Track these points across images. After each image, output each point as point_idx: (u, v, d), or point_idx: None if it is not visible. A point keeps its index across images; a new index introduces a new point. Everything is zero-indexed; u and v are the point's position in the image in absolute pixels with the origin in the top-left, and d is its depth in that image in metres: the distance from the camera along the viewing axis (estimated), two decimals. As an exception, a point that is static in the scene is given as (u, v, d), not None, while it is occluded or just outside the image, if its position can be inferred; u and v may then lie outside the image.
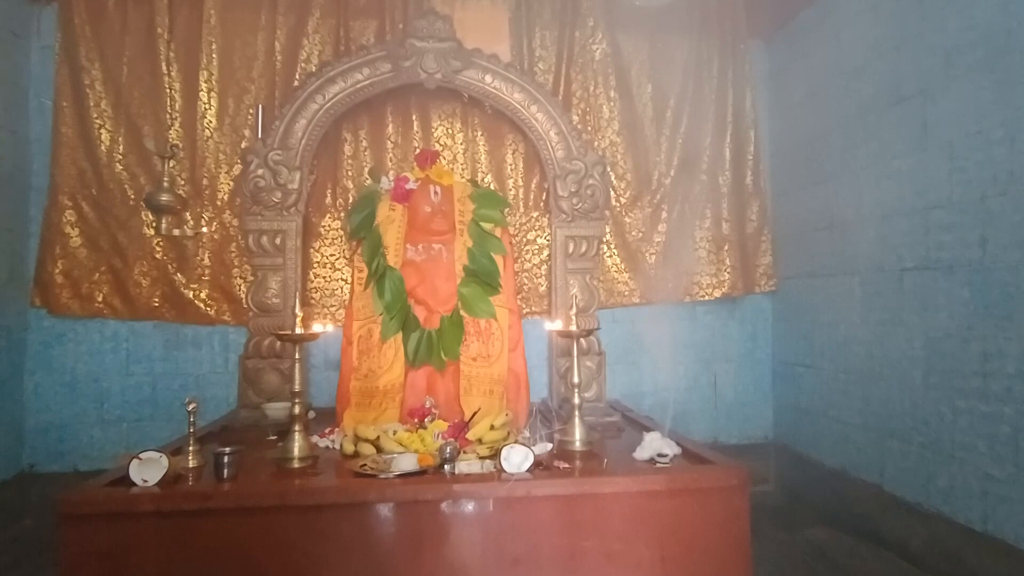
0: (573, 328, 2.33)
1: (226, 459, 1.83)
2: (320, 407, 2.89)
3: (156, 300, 2.94)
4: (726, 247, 3.35)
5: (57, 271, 2.84)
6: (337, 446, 2.27)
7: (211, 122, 3.00)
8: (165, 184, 2.25)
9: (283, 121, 2.76)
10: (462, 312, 2.55)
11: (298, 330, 2.07)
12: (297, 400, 2.06)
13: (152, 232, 2.93)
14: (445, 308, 2.56)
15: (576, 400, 2.30)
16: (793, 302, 3.32)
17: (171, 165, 2.93)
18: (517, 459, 1.89)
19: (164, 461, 1.73)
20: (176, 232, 2.29)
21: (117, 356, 2.94)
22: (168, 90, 2.96)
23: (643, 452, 2.10)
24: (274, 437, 2.43)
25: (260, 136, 2.78)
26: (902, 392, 2.52)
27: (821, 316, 3.07)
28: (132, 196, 2.92)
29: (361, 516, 1.71)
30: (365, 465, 1.91)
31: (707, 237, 3.36)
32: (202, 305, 2.97)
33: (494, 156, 3.25)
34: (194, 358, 3.00)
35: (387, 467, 1.89)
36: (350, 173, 3.12)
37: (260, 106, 2.80)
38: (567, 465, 1.98)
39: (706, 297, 3.35)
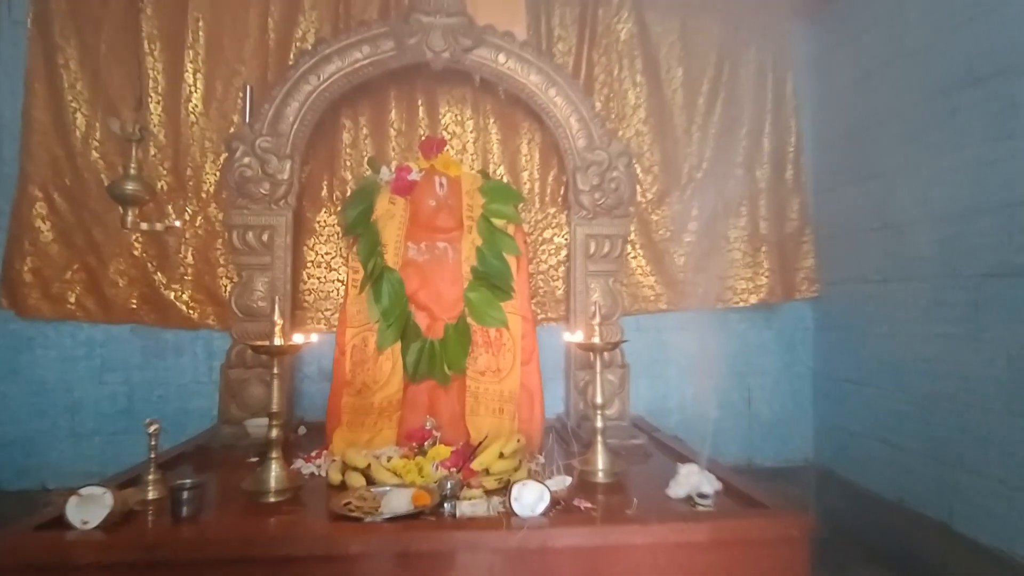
0: (596, 340, 2.02)
1: (184, 495, 1.54)
2: (313, 421, 2.61)
3: (134, 302, 2.67)
4: (763, 248, 3.02)
5: (26, 269, 2.58)
6: (324, 472, 1.97)
7: (196, 106, 2.73)
8: (132, 171, 1.97)
9: (273, 104, 2.47)
10: (469, 319, 2.24)
11: (276, 341, 1.78)
12: (275, 423, 1.78)
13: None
14: (450, 315, 2.26)
15: (599, 423, 1.99)
16: (838, 310, 2.98)
17: (153, 153, 2.70)
18: (530, 498, 1.59)
19: (108, 498, 1.44)
20: (144, 227, 2.01)
21: (91, 363, 2.67)
22: (151, 71, 2.69)
23: (678, 489, 1.78)
24: (255, 459, 2.14)
25: (247, 121, 2.50)
26: (977, 418, 2.17)
27: (873, 327, 2.73)
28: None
29: (341, 570, 1.41)
30: (349, 503, 1.62)
31: (742, 237, 3.03)
32: (184, 308, 2.70)
33: (507, 146, 2.94)
34: (175, 366, 2.73)
35: (375, 506, 1.60)
36: (348, 164, 2.83)
37: (248, 87, 2.51)
38: (590, 505, 1.67)
39: (740, 303, 3.02)
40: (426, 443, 2.02)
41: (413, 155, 2.73)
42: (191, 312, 2.70)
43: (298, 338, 1.83)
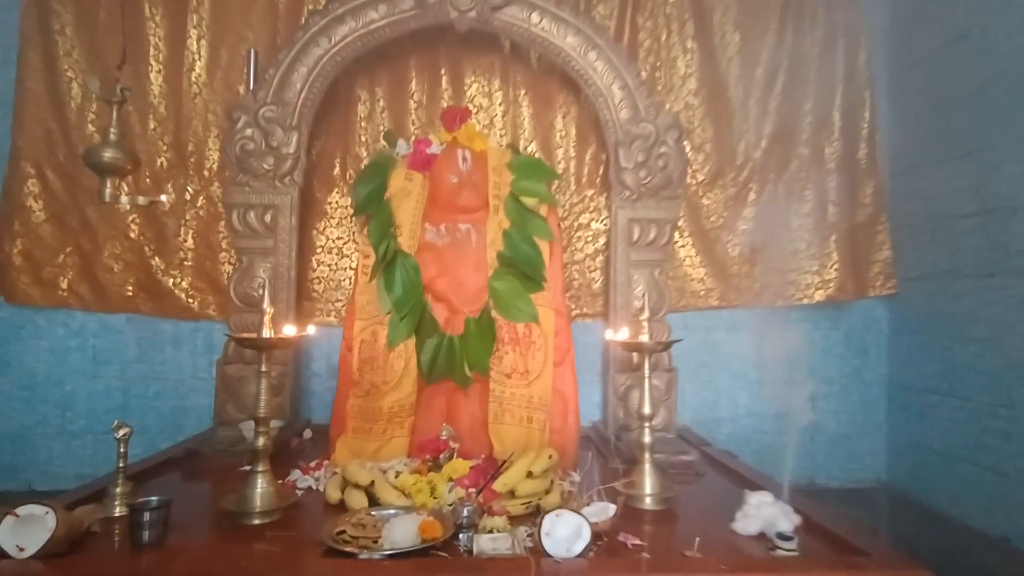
0: (645, 339, 1.69)
1: (145, 517, 1.28)
2: (321, 424, 2.34)
3: (129, 288, 2.45)
4: (832, 238, 2.64)
5: (16, 251, 2.38)
6: (323, 487, 1.70)
7: (200, 76, 2.49)
8: (112, 137, 1.73)
9: (279, 70, 2.21)
10: (494, 313, 1.94)
11: (265, 332, 1.50)
12: (261, 429, 1.50)
13: (128, 207, 2.43)
14: (472, 307, 1.96)
15: (646, 437, 1.67)
16: (919, 310, 2.58)
17: (152, 127, 2.47)
18: (565, 533, 1.28)
19: (50, 520, 1.19)
20: (125, 201, 1.77)
21: (83, 355, 2.46)
22: (151, 37, 2.46)
23: (748, 523, 1.45)
24: (249, 467, 1.88)
25: (251, 88, 2.24)
26: (1113, 442, 1.77)
27: (965, 329, 2.33)
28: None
29: (327, 622, 1.13)
30: (344, 532, 1.33)
31: (807, 225, 2.65)
32: (183, 296, 2.46)
33: (540, 121, 2.63)
34: (173, 359, 2.49)
35: (375, 536, 1.30)
36: (364, 139, 2.56)
37: (253, 51, 2.26)
38: (639, 542, 1.35)
39: (804, 300, 2.64)
40: (442, 456, 1.73)
41: (435, 130, 2.43)
42: (191, 301, 2.47)
43: (289, 330, 1.55)
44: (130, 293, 2.45)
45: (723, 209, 2.65)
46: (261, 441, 1.50)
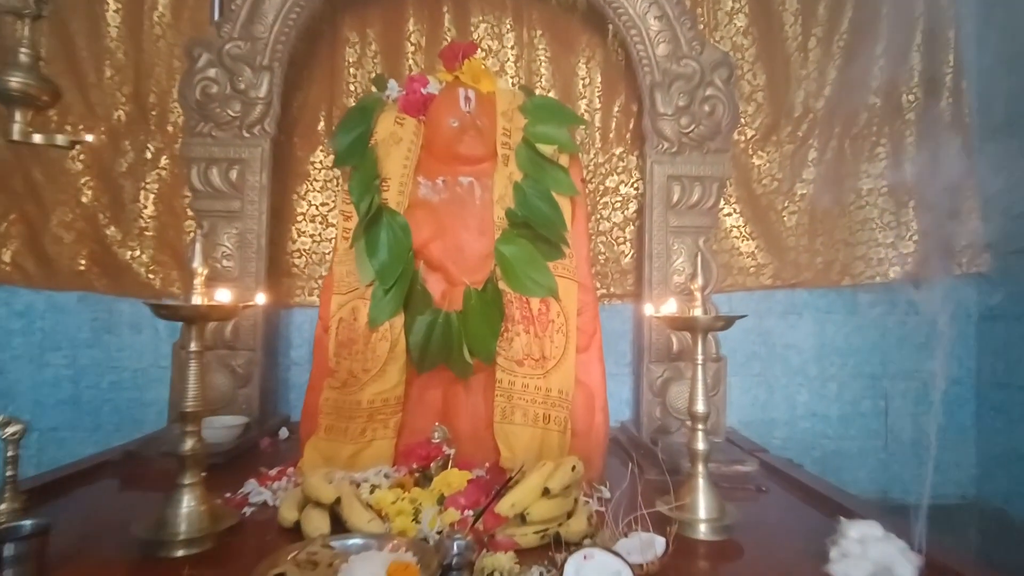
0: (698, 313, 1.29)
1: (9, 552, 0.91)
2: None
3: (82, 262, 2.11)
4: (910, 204, 2.20)
5: (-48, 219, 2.05)
6: (278, 501, 1.32)
7: (163, 15, 2.14)
8: (23, 58, 1.37)
9: (247, -1, 1.85)
10: (502, 285, 1.55)
11: (194, 299, 1.13)
12: (189, 428, 1.13)
13: (80, 166, 2.10)
14: (474, 278, 1.57)
15: (700, 444, 1.27)
16: (1017, 291, 2.13)
17: (108, 75, 2.13)
18: (597, 581, 0.88)
19: None
20: (38, 139, 1.41)
21: (29, 339, 2.12)
22: (107, -30, 2.12)
23: (851, 567, 1.05)
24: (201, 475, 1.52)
25: (215, 21, 1.88)
26: None
27: (1086, 313, 1.88)
28: (55, 117, 2.09)
29: None
30: (284, 575, 0.94)
31: (880, 189, 2.22)
32: (143, 271, 2.12)
33: (560, 67, 2.23)
34: (132, 345, 2.14)
35: (328, 580, 0.92)
36: (353, 88, 2.19)
37: (216, -24, 1.91)
38: (700, 595, 0.95)
39: (877, 279, 2.21)
40: (433, 464, 1.34)
41: (435, 73, 2.05)
42: (151, 277, 2.12)
43: (223, 296, 1.17)
44: (82, 268, 2.11)
45: (778, 170, 2.23)
46: (189, 444, 1.13)
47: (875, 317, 2.27)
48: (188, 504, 1.11)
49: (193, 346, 1.15)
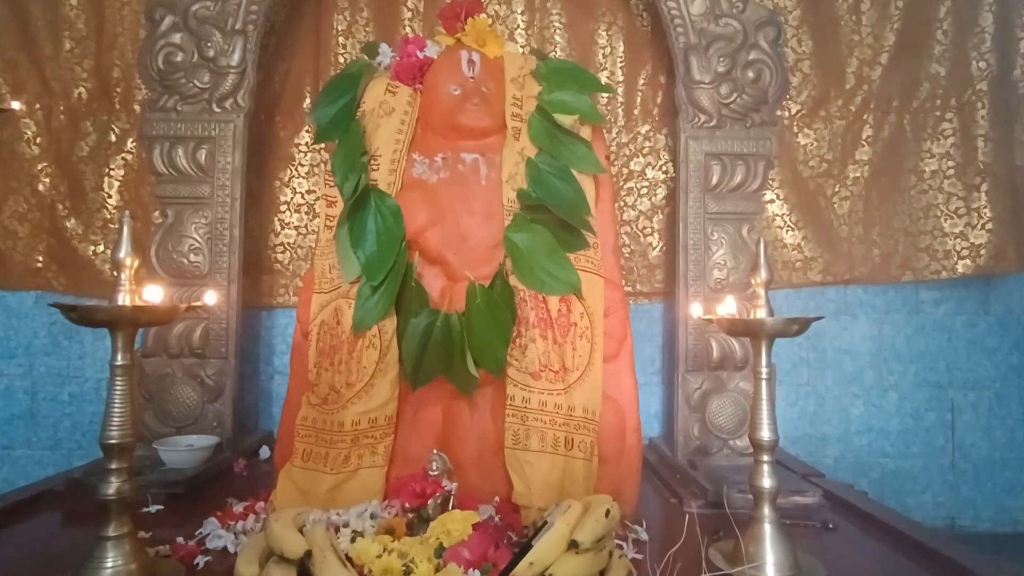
0: (762, 314, 1.02)
1: None
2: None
3: (38, 259, 1.87)
4: (983, 188, 1.91)
5: None
6: (236, 547, 1.07)
7: (129, -20, 1.90)
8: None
9: (217, -49, 1.60)
10: (513, 280, 1.28)
11: (120, 299, 0.88)
12: (115, 467, 0.88)
13: (36, 151, 1.86)
14: (480, 272, 1.31)
15: (766, 482, 1.00)
16: (1110, 287, 1.84)
17: (68, 48, 1.89)
18: None
19: None
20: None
21: (-21, 345, 1.89)
22: (66, -69, 1.88)
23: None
24: (154, 509, 1.28)
25: (180, -22, 1.64)
26: None
27: None
28: (6, 94, 1.86)
29: None
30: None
31: (946, 171, 1.93)
32: (107, 268, 1.88)
33: (577, 34, 1.97)
34: (95, 352, 1.90)
35: None
36: (342, 59, 1.93)
37: (182, -71, 1.65)
38: None
39: (943, 275, 1.92)
40: (430, 503, 1.08)
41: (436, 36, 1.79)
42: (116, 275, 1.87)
43: (152, 293, 0.92)
44: (39, 265, 1.88)
45: (827, 150, 1.95)
46: (112, 487, 0.87)
47: (940, 318, 1.98)
48: (114, 562, 0.86)
49: (119, 359, 0.89)
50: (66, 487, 1.39)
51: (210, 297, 1.14)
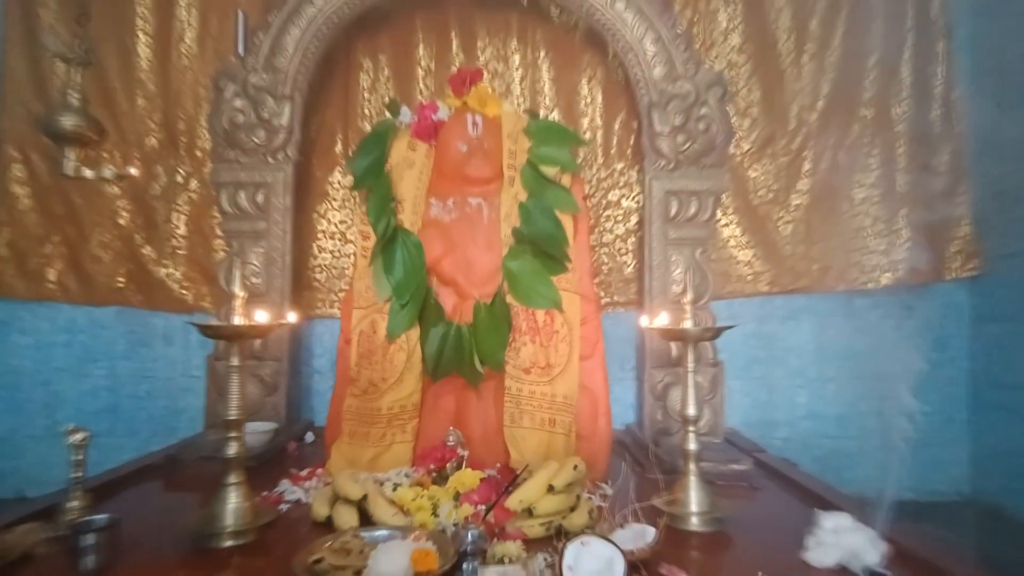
0: (688, 325, 1.40)
1: (88, 541, 1.05)
2: (324, 426, 2.11)
3: (120, 280, 2.26)
4: (902, 212, 2.29)
5: (2, 242, 2.22)
6: (310, 499, 1.46)
7: (190, 47, 2.29)
8: (73, 101, 1.52)
9: (269, 33, 2.00)
10: (509, 298, 1.67)
11: (235, 319, 1.27)
12: (233, 434, 1.27)
13: (116, 191, 2.26)
14: (483, 291, 1.70)
15: (692, 444, 1.38)
16: (1008, 294, 2.21)
17: (140, 104, 2.28)
18: (594, 567, 1.00)
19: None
20: (89, 175, 1.56)
21: (70, 351, 2.28)
22: (138, 7, 2.27)
23: (823, 553, 1.17)
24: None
25: (240, 53, 2.03)
26: None
27: (1072, 315, 1.96)
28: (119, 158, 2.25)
29: None
30: (322, 560, 1.08)
31: (873, 198, 2.31)
32: (176, 287, 2.27)
33: (563, 85, 2.35)
34: (165, 356, 2.30)
35: (359, 566, 1.05)
36: (367, 112, 2.32)
37: (241, 12, 2.05)
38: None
39: (870, 285, 2.30)
40: (448, 465, 1.47)
41: (445, 98, 2.18)
42: (184, 293, 2.27)
43: (260, 316, 1.31)
44: (120, 285, 2.27)
45: (773, 181, 2.33)
46: (233, 448, 1.26)
47: (872, 323, 2.35)
48: (234, 501, 1.24)
49: (234, 361, 1.28)
50: (163, 461, 1.79)
51: (292, 317, 1.52)
